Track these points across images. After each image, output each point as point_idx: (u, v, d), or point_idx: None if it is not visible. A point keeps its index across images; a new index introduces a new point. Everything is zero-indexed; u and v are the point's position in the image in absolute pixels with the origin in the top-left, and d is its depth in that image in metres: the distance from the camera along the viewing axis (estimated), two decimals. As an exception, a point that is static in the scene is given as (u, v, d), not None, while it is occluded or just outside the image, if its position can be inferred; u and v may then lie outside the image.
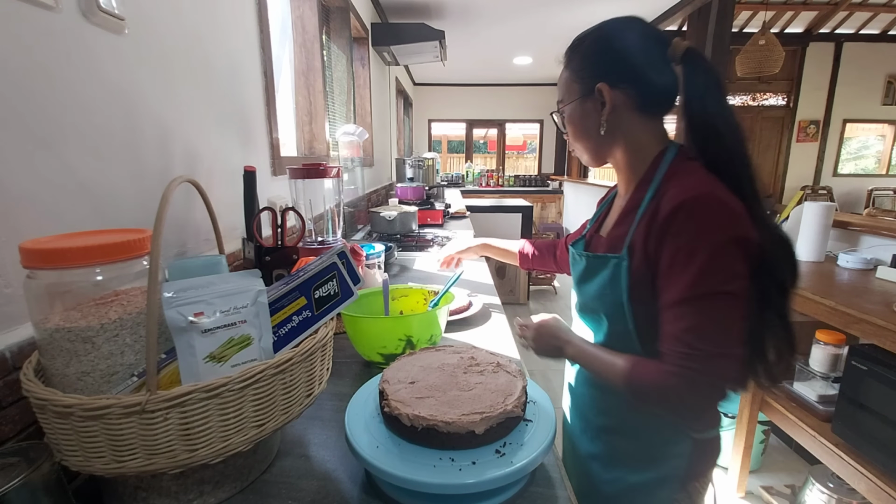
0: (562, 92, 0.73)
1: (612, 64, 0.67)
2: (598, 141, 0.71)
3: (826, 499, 1.50)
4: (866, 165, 6.35)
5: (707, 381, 0.56)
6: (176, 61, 0.87)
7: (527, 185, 6.97)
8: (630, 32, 0.67)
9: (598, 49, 0.68)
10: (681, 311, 0.58)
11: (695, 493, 0.72)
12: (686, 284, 0.57)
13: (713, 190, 0.58)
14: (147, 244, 0.50)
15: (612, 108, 0.67)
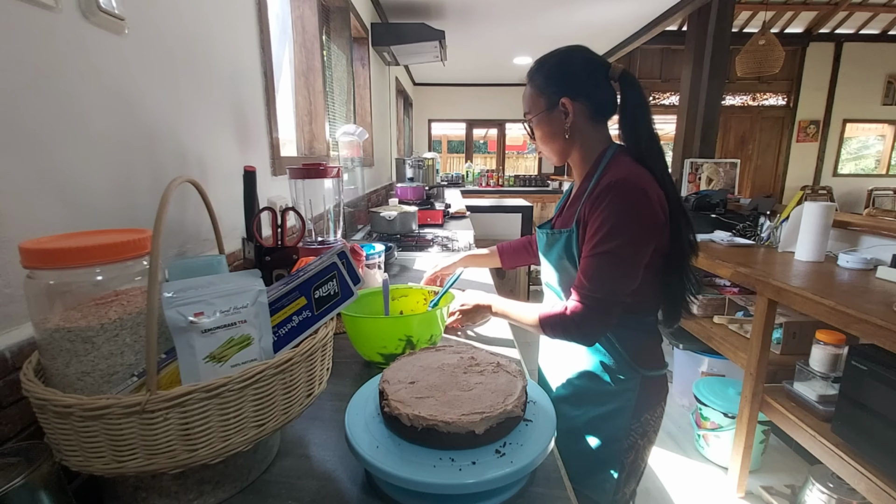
0: (528, 105, 0.90)
1: (570, 82, 0.86)
2: (563, 143, 0.90)
3: (826, 499, 1.50)
4: (866, 165, 6.35)
5: (592, 315, 0.79)
6: (176, 61, 0.87)
7: (527, 185, 6.97)
8: (581, 57, 0.86)
9: (558, 70, 0.86)
10: (586, 262, 0.80)
11: (646, 423, 0.91)
12: (595, 243, 0.78)
13: (633, 176, 0.78)
14: (147, 244, 0.50)
15: (574, 117, 0.86)
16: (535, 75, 0.88)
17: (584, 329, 0.80)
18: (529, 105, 0.90)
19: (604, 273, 0.78)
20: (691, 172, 3.20)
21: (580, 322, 0.79)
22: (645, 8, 3.59)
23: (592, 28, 4.09)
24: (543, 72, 0.87)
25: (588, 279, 0.79)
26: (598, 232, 0.78)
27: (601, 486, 0.91)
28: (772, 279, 1.55)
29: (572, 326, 0.80)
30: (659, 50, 6.04)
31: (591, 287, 0.78)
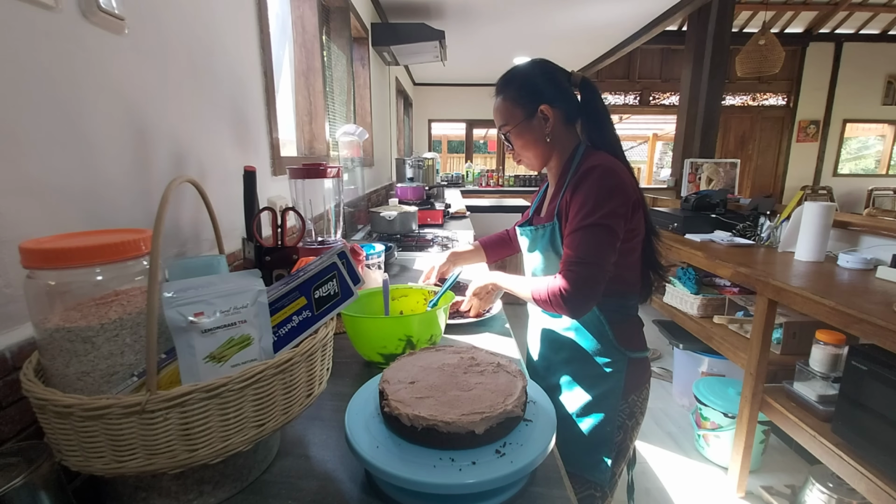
0: (504, 117, 0.96)
1: (544, 90, 0.93)
2: (544, 148, 0.97)
3: (826, 499, 1.50)
4: (866, 165, 6.35)
5: (579, 285, 0.82)
6: (176, 61, 0.87)
7: (527, 185, 6.96)
8: (548, 67, 0.95)
9: (531, 81, 0.94)
10: (571, 237, 0.85)
11: (633, 404, 0.96)
12: (580, 219, 0.84)
13: (609, 162, 0.87)
14: (147, 244, 0.50)
15: (553, 122, 0.93)
16: (507, 88, 0.95)
17: (572, 299, 0.82)
18: (506, 117, 0.95)
19: (589, 243, 0.83)
20: (691, 172, 3.20)
21: (567, 293, 0.82)
22: (645, 8, 3.59)
23: (592, 28, 4.09)
24: (515, 84, 0.94)
25: (573, 250, 0.83)
26: (582, 209, 0.84)
27: (597, 468, 0.95)
28: (772, 279, 1.55)
29: (559, 298, 0.82)
30: (659, 50, 6.04)
31: (577, 257, 0.82)
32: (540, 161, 0.98)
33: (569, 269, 0.83)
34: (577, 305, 0.82)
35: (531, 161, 0.99)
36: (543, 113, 0.93)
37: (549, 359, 1.02)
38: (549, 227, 0.94)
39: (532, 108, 0.92)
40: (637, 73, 6.29)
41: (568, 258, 0.84)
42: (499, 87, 0.97)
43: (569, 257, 0.84)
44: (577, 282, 0.82)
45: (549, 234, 0.94)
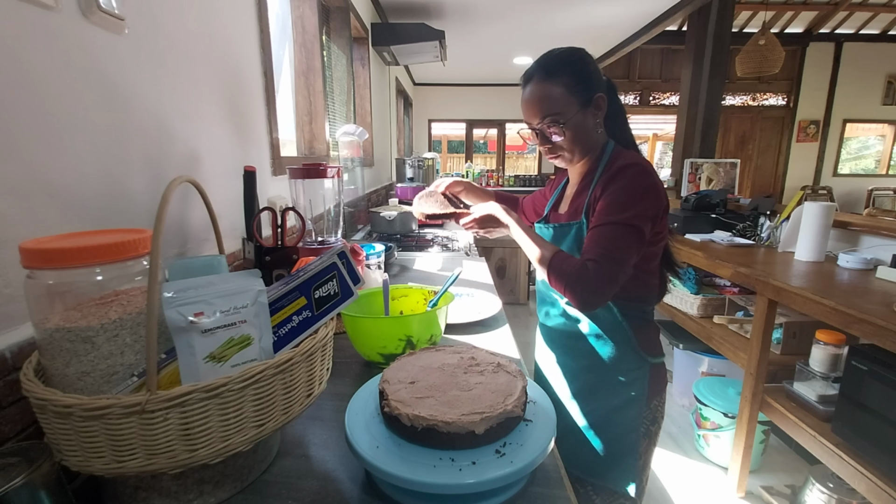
0: (559, 105, 0.86)
1: (596, 79, 0.88)
2: (595, 140, 0.91)
3: (826, 499, 1.50)
4: (866, 165, 6.35)
5: (598, 277, 0.76)
6: (176, 61, 0.87)
7: (527, 185, 6.96)
8: (591, 57, 0.90)
9: (586, 67, 0.87)
10: (598, 230, 0.81)
11: (654, 409, 0.94)
12: (608, 213, 0.80)
13: (645, 163, 0.84)
14: (147, 244, 0.50)
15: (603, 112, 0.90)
16: (560, 73, 0.85)
17: (587, 289, 0.77)
18: (560, 105, 0.85)
19: (615, 240, 0.78)
20: (691, 172, 3.20)
21: (586, 280, 0.77)
22: (645, 8, 3.59)
23: (593, 28, 4.09)
24: (570, 70, 0.85)
25: (597, 244, 0.79)
26: (612, 205, 0.80)
27: (625, 477, 0.92)
28: (772, 279, 1.55)
29: (577, 281, 0.77)
30: (659, 50, 6.04)
31: (601, 250, 0.78)
32: (583, 154, 0.91)
33: (591, 260, 0.77)
34: (589, 298, 0.77)
35: (575, 155, 0.91)
36: (599, 102, 0.87)
37: (567, 366, 0.97)
38: (574, 225, 0.89)
39: (588, 97, 0.86)
40: (637, 73, 6.29)
41: (590, 251, 0.79)
42: (547, 71, 0.86)
43: (591, 250, 0.78)
44: (597, 275, 0.76)
45: (576, 233, 0.89)
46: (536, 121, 0.88)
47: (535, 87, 0.87)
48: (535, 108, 0.87)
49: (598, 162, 0.90)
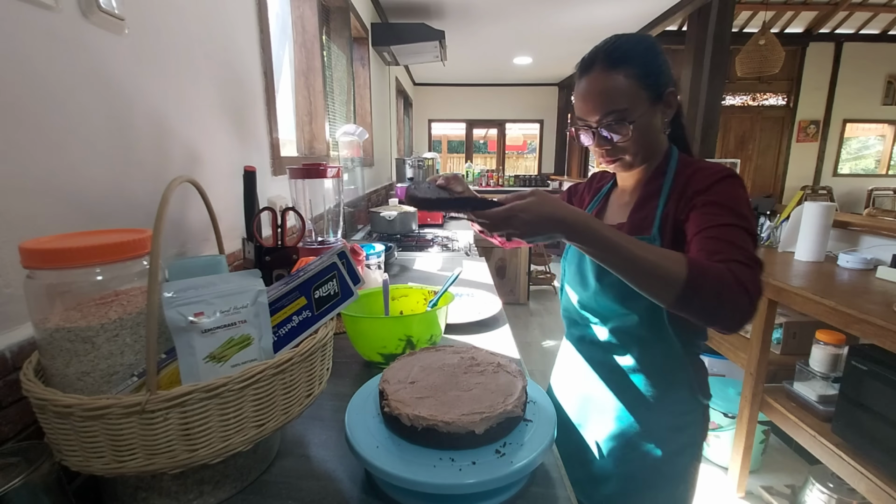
0: (626, 99, 0.71)
1: (668, 72, 0.75)
2: (660, 142, 0.78)
3: (826, 499, 1.50)
4: (866, 165, 6.35)
5: (755, 282, 0.58)
6: (176, 61, 0.87)
7: (527, 185, 6.97)
8: (660, 45, 0.76)
9: (657, 58, 0.74)
10: (731, 230, 0.63)
11: (699, 458, 0.83)
12: (732, 217, 0.64)
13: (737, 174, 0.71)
14: (147, 244, 0.50)
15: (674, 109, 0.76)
16: (628, 63, 0.71)
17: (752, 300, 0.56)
18: (629, 100, 0.71)
19: (748, 242, 0.63)
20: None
21: (751, 281, 0.56)
22: (645, 8, 3.59)
23: (593, 28, 4.09)
24: (641, 59, 0.72)
25: (732, 244, 0.61)
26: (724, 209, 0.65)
27: None
28: (772, 279, 1.55)
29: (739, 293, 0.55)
30: (659, 50, 6.03)
31: (743, 252, 0.60)
32: (646, 160, 0.78)
33: (737, 262, 0.58)
34: (750, 313, 0.56)
35: (637, 160, 0.76)
36: (670, 99, 0.74)
37: (603, 404, 0.83)
38: (646, 240, 0.69)
39: (658, 91, 0.73)
40: (637, 73, 6.28)
41: (727, 251, 0.60)
42: (613, 59, 0.71)
43: (728, 250, 0.60)
44: (753, 281, 0.57)
45: None
46: (596, 117, 0.73)
47: (596, 78, 0.72)
48: (596, 103, 0.72)
49: (663, 170, 0.77)
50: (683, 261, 0.57)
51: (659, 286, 0.57)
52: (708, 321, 0.58)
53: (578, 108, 0.76)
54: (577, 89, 0.76)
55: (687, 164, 0.76)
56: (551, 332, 3.57)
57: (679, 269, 0.56)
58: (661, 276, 0.57)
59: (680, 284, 0.55)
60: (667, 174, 0.76)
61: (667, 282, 0.56)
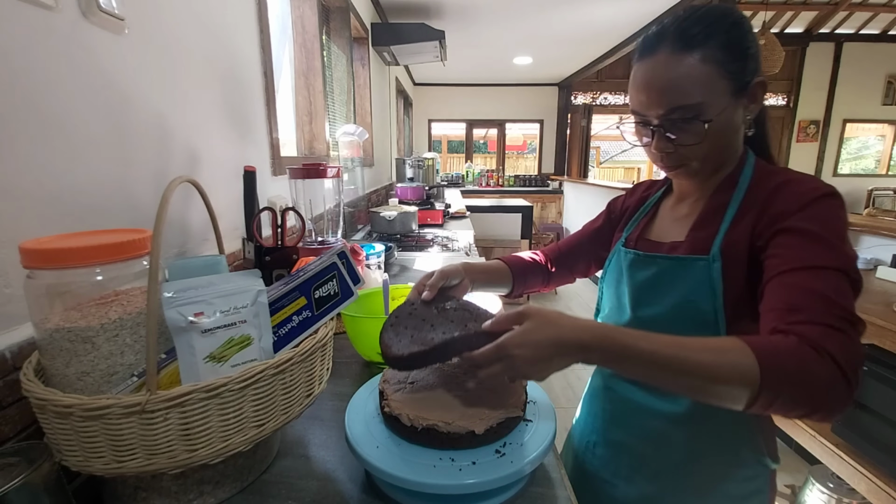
0: (702, 92, 0.55)
1: (757, 57, 0.58)
2: (737, 146, 0.62)
3: (826, 499, 1.50)
4: (866, 165, 6.35)
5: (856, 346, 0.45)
6: (176, 61, 0.87)
7: (527, 185, 6.97)
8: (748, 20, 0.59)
9: (743, 38, 0.57)
10: (823, 275, 0.48)
11: None
12: (827, 255, 0.49)
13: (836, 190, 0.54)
14: (147, 244, 0.50)
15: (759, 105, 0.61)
16: (710, 44, 0.55)
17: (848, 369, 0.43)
18: (706, 92, 0.55)
19: (846, 294, 0.48)
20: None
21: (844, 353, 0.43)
22: (645, 8, 3.59)
23: (592, 28, 4.09)
24: (727, 39, 0.56)
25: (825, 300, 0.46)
26: (819, 237, 0.51)
27: None
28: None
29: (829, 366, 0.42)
30: (659, 50, 6.03)
31: (839, 311, 0.45)
32: (717, 168, 0.63)
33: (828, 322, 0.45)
34: (847, 396, 0.43)
35: (707, 167, 0.62)
36: (756, 92, 0.59)
37: (643, 458, 0.67)
38: (699, 262, 0.59)
39: (743, 82, 0.57)
40: (637, 73, 6.29)
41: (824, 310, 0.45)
42: (688, 38, 0.56)
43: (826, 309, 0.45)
44: (853, 345, 0.44)
45: (701, 274, 0.58)
46: (659, 112, 0.58)
47: (663, 61, 0.56)
48: (660, 95, 0.57)
49: (735, 179, 0.62)
50: (749, 353, 0.43)
51: (724, 394, 0.44)
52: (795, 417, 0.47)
53: (635, 99, 0.61)
54: (635, 76, 0.60)
55: (767, 175, 0.60)
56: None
57: (747, 367, 0.43)
58: (724, 380, 0.43)
59: (753, 388, 0.42)
60: (739, 185, 0.61)
61: (734, 387, 0.43)
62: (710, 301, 0.58)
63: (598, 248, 0.82)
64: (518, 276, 0.82)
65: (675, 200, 0.71)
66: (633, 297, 0.66)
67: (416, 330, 0.57)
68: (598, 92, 6.56)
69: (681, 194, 0.70)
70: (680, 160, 0.61)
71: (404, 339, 0.56)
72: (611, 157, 11.36)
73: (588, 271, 0.86)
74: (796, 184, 0.56)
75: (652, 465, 0.66)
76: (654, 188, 0.77)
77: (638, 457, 0.68)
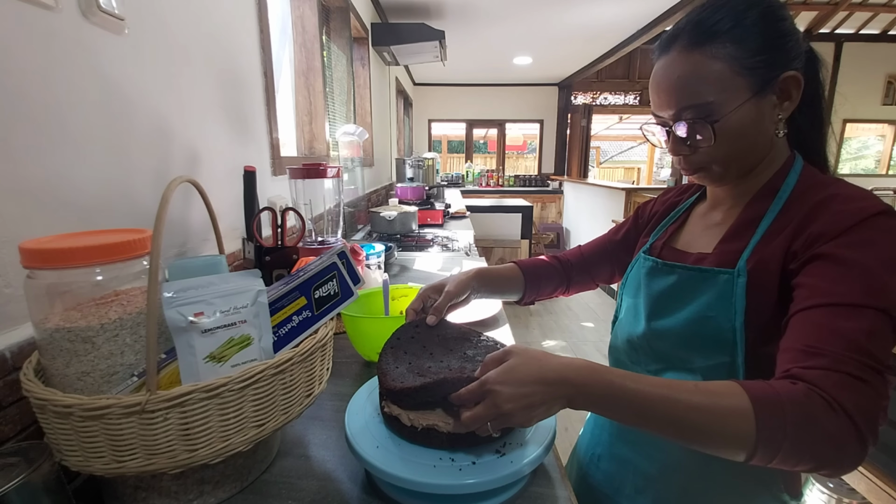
0: (712, 90, 0.52)
1: (790, 47, 0.52)
2: (766, 149, 0.57)
3: (826, 499, 1.50)
4: (866, 165, 6.36)
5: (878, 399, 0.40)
6: (176, 61, 0.87)
7: (527, 185, 6.97)
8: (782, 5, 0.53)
9: (771, 26, 0.51)
10: (854, 313, 0.43)
11: None
12: (863, 291, 0.43)
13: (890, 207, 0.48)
14: (147, 244, 0.50)
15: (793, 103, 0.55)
16: (727, 37, 0.51)
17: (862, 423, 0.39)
18: (717, 90, 0.52)
19: (884, 339, 0.43)
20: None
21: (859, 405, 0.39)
22: (645, 8, 3.59)
23: (593, 28, 4.09)
24: (747, 31, 0.51)
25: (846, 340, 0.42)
26: (859, 268, 0.45)
27: None
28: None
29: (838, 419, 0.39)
30: (659, 50, 6.04)
31: (866, 349, 0.41)
32: (745, 173, 0.58)
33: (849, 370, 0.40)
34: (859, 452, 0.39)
35: (730, 172, 0.57)
36: (787, 86, 0.53)
37: (648, 477, 0.63)
38: (723, 276, 0.54)
39: (768, 77, 0.52)
40: (637, 73, 6.29)
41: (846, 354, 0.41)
42: (704, 30, 0.52)
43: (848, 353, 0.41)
44: (875, 398, 0.40)
45: (723, 288, 0.54)
46: (670, 112, 0.55)
47: (673, 60, 0.54)
48: (670, 94, 0.55)
49: (775, 187, 0.56)
50: (746, 401, 0.39)
51: (718, 445, 0.41)
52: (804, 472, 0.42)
53: (652, 99, 0.58)
54: (652, 75, 0.58)
55: (813, 186, 0.54)
56: (551, 332, 3.57)
57: (742, 417, 0.39)
58: (718, 431, 0.40)
59: (748, 441, 0.39)
60: (779, 194, 0.55)
61: (727, 439, 0.40)
62: (729, 319, 0.53)
63: (622, 253, 0.78)
64: (531, 282, 0.79)
65: (708, 207, 0.66)
66: (649, 307, 0.63)
67: (415, 357, 0.58)
68: (598, 92, 6.56)
69: (714, 200, 0.65)
70: (698, 163, 0.57)
71: (401, 366, 0.56)
72: (611, 157, 11.37)
73: (612, 278, 0.81)
74: (844, 200, 0.49)
75: (657, 488, 0.62)
76: (687, 193, 0.72)
77: (643, 477, 0.63)
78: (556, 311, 4.04)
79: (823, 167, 0.60)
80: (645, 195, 3.99)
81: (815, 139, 0.61)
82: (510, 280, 0.78)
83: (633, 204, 4.18)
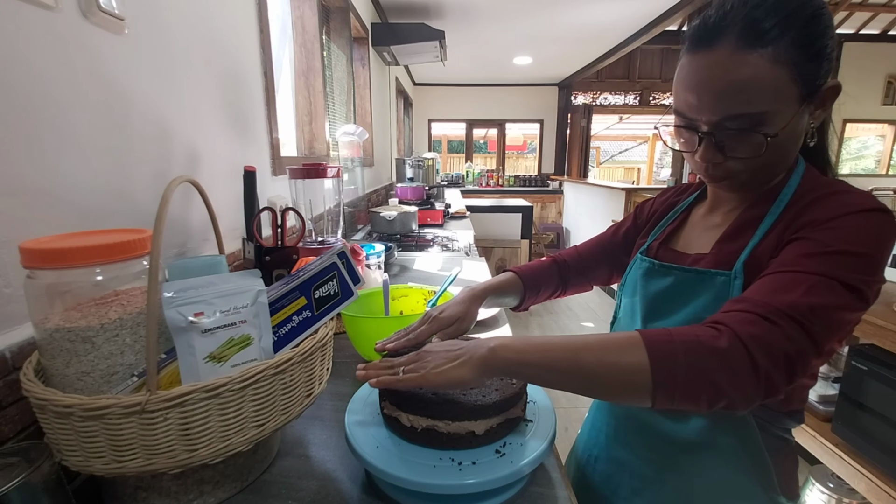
0: (770, 99, 0.47)
1: (831, 53, 0.49)
2: (794, 155, 0.55)
3: (826, 499, 1.50)
4: (866, 165, 6.36)
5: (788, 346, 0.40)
6: (176, 61, 0.87)
7: (527, 185, 6.97)
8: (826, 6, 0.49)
9: (824, 33, 0.48)
10: (809, 279, 0.43)
11: None
12: (826, 264, 0.44)
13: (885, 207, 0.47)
14: (147, 244, 0.50)
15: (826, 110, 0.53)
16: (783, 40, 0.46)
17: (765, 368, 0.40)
18: (774, 98, 0.48)
19: (826, 301, 0.42)
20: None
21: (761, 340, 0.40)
22: (645, 8, 3.59)
23: (593, 28, 4.09)
24: (799, 37, 0.47)
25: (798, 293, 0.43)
26: (829, 247, 0.45)
27: None
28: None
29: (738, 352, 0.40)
30: (659, 50, 6.04)
31: (802, 308, 0.42)
32: (768, 181, 0.57)
33: (763, 313, 0.42)
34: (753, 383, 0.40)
35: (757, 180, 0.56)
36: (826, 98, 0.52)
37: (644, 478, 0.63)
38: (721, 279, 0.54)
39: (814, 85, 0.49)
40: (637, 73, 6.29)
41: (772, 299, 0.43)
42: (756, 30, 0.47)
43: (774, 298, 0.43)
44: (784, 342, 0.41)
45: (720, 289, 0.54)
46: (712, 118, 0.50)
47: (724, 59, 0.48)
48: (717, 97, 0.49)
49: (777, 190, 0.56)
50: (640, 343, 0.42)
51: (624, 390, 0.42)
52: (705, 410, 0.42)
53: (681, 98, 0.52)
54: (684, 71, 0.51)
55: (815, 186, 0.53)
56: (551, 332, 3.57)
57: (640, 370, 0.41)
58: (619, 375, 0.42)
59: (647, 382, 0.40)
60: (780, 196, 0.54)
61: (631, 382, 0.41)
62: None
63: (621, 254, 0.77)
64: (530, 288, 0.78)
65: (707, 208, 0.64)
66: (645, 308, 0.63)
67: None
68: (598, 92, 6.56)
69: (715, 202, 0.63)
70: (728, 172, 0.53)
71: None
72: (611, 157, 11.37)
73: (609, 279, 0.80)
74: (840, 196, 0.49)
75: (653, 490, 0.62)
76: (686, 193, 0.71)
77: (639, 478, 0.63)
78: (555, 311, 4.04)
79: (825, 169, 0.60)
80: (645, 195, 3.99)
81: (821, 145, 0.60)
82: (508, 288, 0.77)
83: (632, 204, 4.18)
